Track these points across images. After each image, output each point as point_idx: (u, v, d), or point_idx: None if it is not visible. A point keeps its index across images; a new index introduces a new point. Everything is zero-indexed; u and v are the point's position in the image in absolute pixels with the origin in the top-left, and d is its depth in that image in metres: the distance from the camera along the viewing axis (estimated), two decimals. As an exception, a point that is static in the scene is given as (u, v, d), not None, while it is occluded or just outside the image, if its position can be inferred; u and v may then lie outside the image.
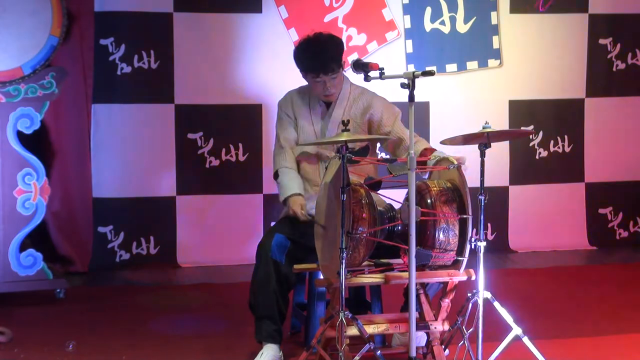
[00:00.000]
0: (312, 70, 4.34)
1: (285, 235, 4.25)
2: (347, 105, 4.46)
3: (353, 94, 4.49)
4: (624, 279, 6.06)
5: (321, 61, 4.31)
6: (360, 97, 4.49)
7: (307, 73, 4.38)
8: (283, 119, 4.52)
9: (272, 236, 4.25)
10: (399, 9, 6.61)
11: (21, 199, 5.35)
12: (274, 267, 4.20)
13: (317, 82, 4.36)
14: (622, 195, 7.08)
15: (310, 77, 4.38)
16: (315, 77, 4.35)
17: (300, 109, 4.49)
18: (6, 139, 5.31)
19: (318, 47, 4.35)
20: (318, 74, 4.33)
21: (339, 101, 4.46)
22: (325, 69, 4.31)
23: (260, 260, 4.26)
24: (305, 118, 4.47)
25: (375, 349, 3.81)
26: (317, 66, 4.32)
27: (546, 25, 6.85)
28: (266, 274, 4.21)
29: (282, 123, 4.52)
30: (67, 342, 4.54)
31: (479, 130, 3.98)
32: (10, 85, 5.27)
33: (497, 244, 6.78)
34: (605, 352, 4.48)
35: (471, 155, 4.06)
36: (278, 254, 4.21)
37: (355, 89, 4.51)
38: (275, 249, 4.21)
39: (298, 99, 4.51)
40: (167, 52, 6.35)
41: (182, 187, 6.45)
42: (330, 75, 4.33)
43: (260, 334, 4.26)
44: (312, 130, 4.45)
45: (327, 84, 4.35)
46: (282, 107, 4.55)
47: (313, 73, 4.34)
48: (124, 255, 6.40)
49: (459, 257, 3.92)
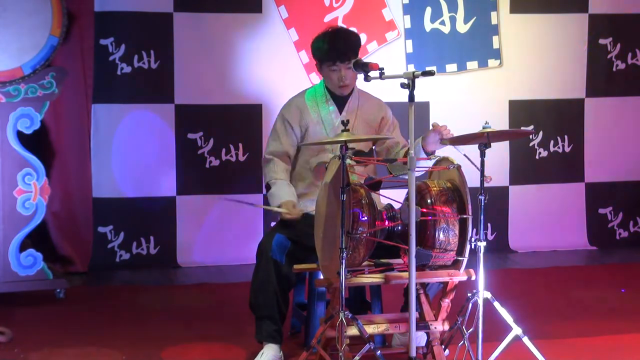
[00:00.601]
0: (329, 58, 4.36)
1: (285, 235, 4.25)
2: (358, 106, 4.47)
3: (361, 98, 4.51)
4: (624, 279, 6.06)
5: (339, 49, 4.36)
6: (368, 102, 4.51)
7: (324, 61, 4.39)
8: (278, 130, 4.49)
9: (272, 236, 4.25)
10: (399, 9, 6.61)
11: (21, 199, 5.35)
12: (275, 267, 4.20)
13: (333, 70, 4.37)
14: (622, 195, 7.08)
15: (326, 66, 4.39)
16: (331, 65, 4.36)
17: (309, 116, 4.45)
18: (6, 139, 5.31)
19: (338, 36, 4.42)
20: (335, 62, 4.35)
21: (352, 102, 4.47)
22: (342, 57, 4.34)
23: (260, 260, 4.26)
24: (315, 123, 4.45)
25: (375, 349, 3.81)
26: (335, 54, 4.35)
27: (546, 25, 6.85)
28: (266, 274, 4.21)
29: (275, 134, 4.49)
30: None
31: (479, 130, 3.99)
32: (10, 85, 5.27)
33: (497, 244, 6.78)
34: (605, 352, 4.48)
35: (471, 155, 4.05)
36: (278, 254, 4.21)
37: (361, 93, 4.54)
38: (276, 248, 4.21)
39: (305, 107, 4.47)
40: (167, 52, 6.35)
41: (182, 187, 6.46)
42: (347, 64, 4.34)
43: (261, 334, 4.26)
44: (325, 133, 4.44)
45: (342, 72, 4.36)
46: (284, 116, 4.49)
47: (330, 61, 4.36)
48: (124, 255, 6.40)
49: (459, 257, 3.92)
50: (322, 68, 4.43)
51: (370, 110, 4.50)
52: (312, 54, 4.48)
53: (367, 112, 4.49)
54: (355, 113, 4.45)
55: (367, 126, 4.46)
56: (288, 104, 4.55)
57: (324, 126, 4.44)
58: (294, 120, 4.46)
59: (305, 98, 4.51)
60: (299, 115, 4.46)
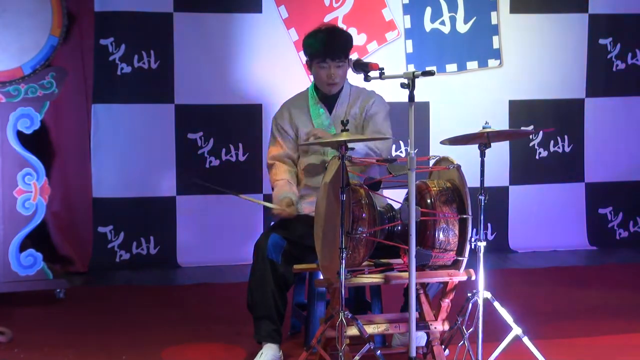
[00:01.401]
0: (319, 55, 4.36)
1: (280, 235, 4.26)
2: (349, 105, 4.47)
3: (353, 95, 4.51)
4: (624, 279, 6.06)
5: (329, 46, 4.36)
6: (359, 96, 4.51)
7: (313, 58, 4.40)
8: (275, 135, 4.51)
9: (267, 236, 4.27)
10: (399, 9, 6.61)
11: (21, 199, 5.35)
12: (271, 267, 4.21)
13: (322, 67, 4.38)
14: (622, 195, 7.08)
15: (315, 63, 4.39)
16: (321, 62, 4.37)
17: (300, 117, 4.48)
18: (6, 139, 5.31)
19: (328, 34, 4.43)
20: (324, 59, 4.35)
21: (341, 101, 4.47)
22: (332, 55, 4.35)
23: (256, 261, 4.27)
24: (305, 125, 4.46)
25: (375, 349, 3.81)
26: (325, 51, 4.35)
27: (546, 25, 6.84)
28: (263, 274, 4.22)
29: (273, 139, 4.53)
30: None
31: (479, 130, 3.99)
32: (10, 85, 5.27)
33: (497, 244, 6.78)
34: (605, 352, 4.48)
35: (471, 155, 4.05)
36: (274, 254, 4.22)
37: (354, 90, 4.53)
38: (271, 248, 4.22)
39: (295, 109, 4.51)
40: (167, 52, 6.35)
41: (182, 187, 6.45)
42: (337, 62, 4.36)
43: (259, 334, 4.27)
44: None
45: (332, 70, 4.36)
46: (277, 120, 4.53)
47: (319, 57, 4.36)
48: (124, 255, 6.40)
49: (459, 257, 3.92)
50: (312, 65, 4.44)
51: (358, 107, 4.49)
52: (304, 51, 4.49)
53: (356, 109, 4.48)
54: (344, 111, 4.45)
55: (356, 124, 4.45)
56: (280, 109, 4.59)
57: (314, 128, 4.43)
58: (286, 124, 4.49)
59: (296, 101, 4.54)
60: (289, 119, 4.48)
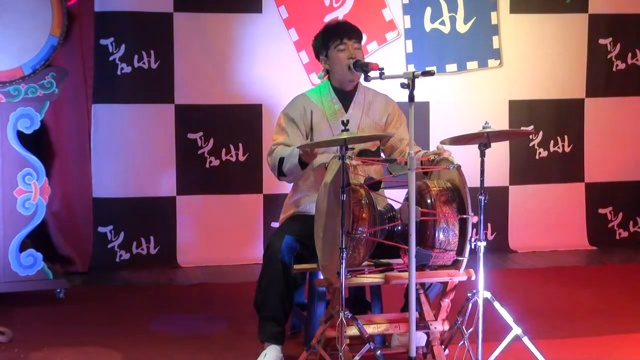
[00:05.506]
0: (336, 36, 4.34)
1: (294, 236, 4.20)
2: (365, 104, 4.45)
3: (367, 95, 4.47)
4: (624, 279, 6.06)
5: (343, 26, 4.41)
6: (375, 98, 4.48)
7: (330, 44, 4.36)
8: (283, 125, 4.38)
9: (281, 237, 4.19)
10: (399, 9, 6.61)
11: (21, 199, 5.35)
12: (283, 270, 4.16)
13: (341, 50, 4.34)
14: (622, 195, 7.08)
15: (333, 48, 4.35)
16: (339, 44, 4.34)
17: (315, 113, 4.34)
18: (6, 139, 5.31)
19: (339, 21, 4.64)
20: (342, 40, 4.33)
21: (356, 100, 4.43)
22: (349, 34, 4.35)
23: (269, 262, 4.20)
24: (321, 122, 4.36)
25: (375, 349, 3.82)
26: (341, 31, 4.36)
27: (546, 25, 6.85)
28: (275, 276, 4.17)
29: (280, 128, 4.39)
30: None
31: (479, 130, 3.99)
32: (10, 85, 5.27)
33: (497, 244, 6.78)
34: (605, 352, 4.48)
35: (471, 155, 4.05)
36: (287, 256, 4.17)
37: (367, 90, 4.49)
38: (285, 250, 4.16)
39: (310, 104, 4.39)
40: (167, 52, 6.35)
41: (182, 187, 6.45)
42: (354, 42, 4.35)
43: (264, 334, 4.25)
44: (331, 132, 4.37)
45: (351, 50, 4.33)
46: (288, 114, 4.39)
47: (337, 39, 4.34)
48: (124, 255, 6.40)
49: (459, 257, 3.92)
50: (330, 52, 4.36)
51: (378, 109, 4.45)
52: (316, 45, 4.43)
53: (374, 111, 4.44)
54: (361, 110, 4.42)
55: (375, 126, 4.41)
56: (292, 102, 4.46)
57: (329, 125, 4.39)
58: (298, 118, 4.37)
59: (309, 97, 4.45)
60: (303, 114, 4.37)
